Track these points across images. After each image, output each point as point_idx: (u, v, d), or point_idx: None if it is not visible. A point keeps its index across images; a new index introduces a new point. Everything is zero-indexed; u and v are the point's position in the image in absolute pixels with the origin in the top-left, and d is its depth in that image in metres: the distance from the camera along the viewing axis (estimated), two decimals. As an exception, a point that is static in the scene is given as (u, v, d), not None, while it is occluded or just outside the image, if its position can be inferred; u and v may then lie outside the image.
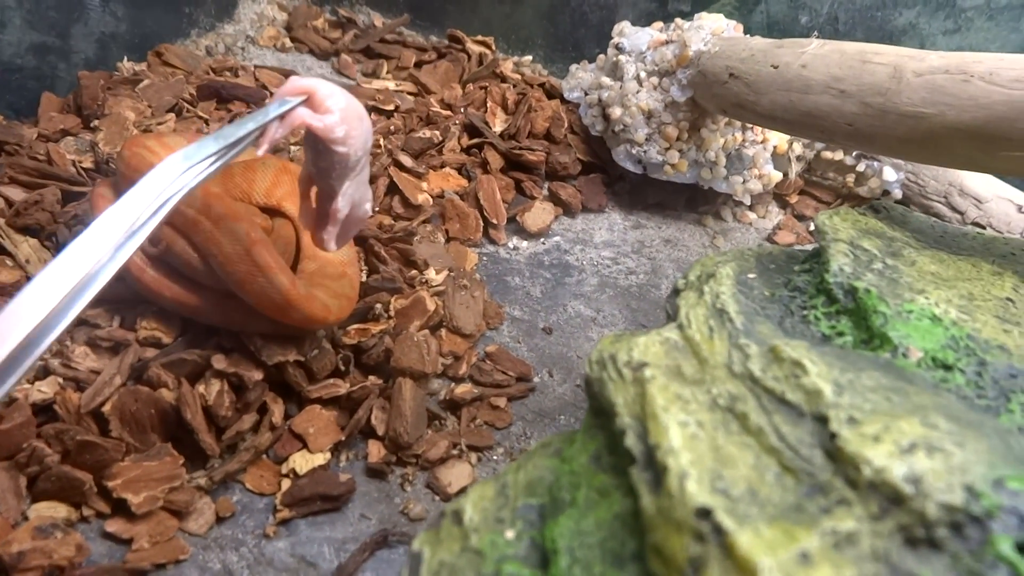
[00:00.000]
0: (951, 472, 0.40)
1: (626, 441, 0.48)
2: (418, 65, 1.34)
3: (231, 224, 0.77)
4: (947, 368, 0.55)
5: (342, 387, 0.83)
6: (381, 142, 1.11)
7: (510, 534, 0.49)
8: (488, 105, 1.20)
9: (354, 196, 0.75)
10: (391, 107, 1.18)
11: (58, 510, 0.71)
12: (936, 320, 0.59)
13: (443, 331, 0.93)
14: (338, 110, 0.67)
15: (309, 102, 0.66)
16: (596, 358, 0.58)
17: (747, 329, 0.58)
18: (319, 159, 0.69)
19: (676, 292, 0.67)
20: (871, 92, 0.77)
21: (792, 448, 0.45)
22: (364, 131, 0.70)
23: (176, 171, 0.55)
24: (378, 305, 0.90)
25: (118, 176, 0.84)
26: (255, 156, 0.91)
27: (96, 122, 1.04)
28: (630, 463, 0.47)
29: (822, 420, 0.45)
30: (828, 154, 1.18)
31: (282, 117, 0.64)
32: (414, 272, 0.97)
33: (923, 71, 0.74)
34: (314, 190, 0.74)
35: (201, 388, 0.77)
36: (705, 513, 0.40)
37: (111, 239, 0.51)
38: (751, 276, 0.70)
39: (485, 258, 1.07)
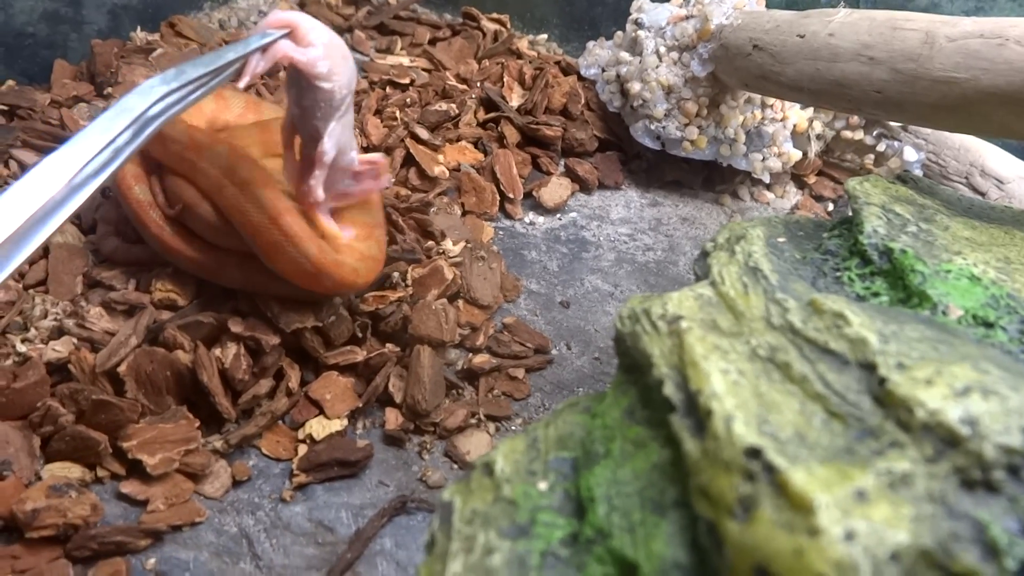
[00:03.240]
0: (1008, 414, 0.39)
1: (664, 390, 0.47)
2: (432, 42, 1.32)
3: (257, 191, 0.75)
4: (988, 325, 0.54)
5: (359, 354, 0.82)
6: (397, 114, 1.10)
7: (543, 485, 0.48)
8: (505, 80, 1.18)
9: (340, 139, 0.73)
10: (406, 80, 1.17)
11: (72, 471, 0.70)
12: (975, 279, 0.58)
13: (460, 302, 0.92)
14: (321, 44, 0.66)
15: (291, 36, 0.65)
16: (627, 314, 0.56)
17: (782, 286, 0.56)
18: (302, 97, 0.68)
19: (705, 254, 0.66)
20: (902, 58, 0.76)
21: (839, 394, 0.43)
22: (349, 69, 0.69)
23: (154, 93, 0.54)
24: (395, 274, 0.89)
25: None
26: (275, 116, 0.90)
27: (109, 89, 1.03)
28: (669, 412, 0.46)
29: (869, 367, 0.44)
30: (848, 134, 1.17)
31: (263, 50, 0.63)
32: (431, 243, 0.96)
33: (956, 36, 0.73)
34: (297, 141, 0.73)
35: (218, 351, 0.76)
36: (755, 452, 0.38)
37: (86, 158, 0.49)
38: (781, 240, 0.68)
39: (501, 232, 1.06)
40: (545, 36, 1.40)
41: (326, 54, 0.67)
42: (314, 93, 0.68)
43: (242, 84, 0.64)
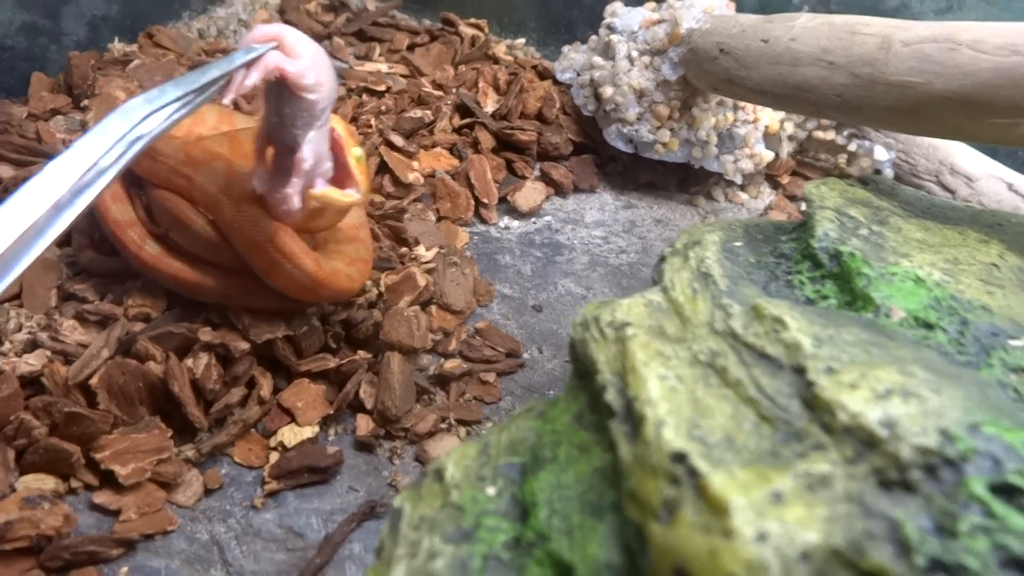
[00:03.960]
0: (926, 416, 0.40)
1: (606, 396, 0.48)
2: (411, 48, 1.34)
3: (253, 208, 0.77)
4: (929, 327, 0.55)
5: (331, 361, 0.83)
6: (372, 122, 1.11)
7: (491, 491, 0.49)
8: (480, 85, 1.20)
9: (318, 149, 0.74)
10: (382, 88, 1.18)
11: (46, 482, 0.72)
12: (920, 282, 0.59)
13: (433, 307, 0.93)
14: (308, 55, 0.67)
15: (278, 49, 0.66)
16: (580, 321, 0.58)
17: (731, 291, 0.58)
18: (284, 106, 0.69)
19: (662, 259, 0.67)
20: (860, 63, 0.77)
21: (770, 398, 0.45)
22: (331, 79, 0.70)
23: (137, 114, 0.54)
24: (368, 282, 0.90)
25: None
26: (247, 127, 0.91)
27: (86, 101, 1.04)
28: (610, 417, 0.47)
29: (800, 371, 0.45)
30: (820, 134, 1.18)
31: (248, 65, 0.64)
32: (404, 249, 0.97)
33: (911, 40, 0.74)
34: (270, 151, 0.74)
35: (189, 362, 0.78)
36: (680, 457, 0.40)
37: (69, 181, 0.49)
38: (737, 244, 0.70)
39: (476, 237, 1.07)
40: (523, 40, 1.41)
41: (313, 65, 0.68)
42: (298, 103, 0.69)
43: (227, 100, 0.64)
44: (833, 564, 0.35)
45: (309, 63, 0.67)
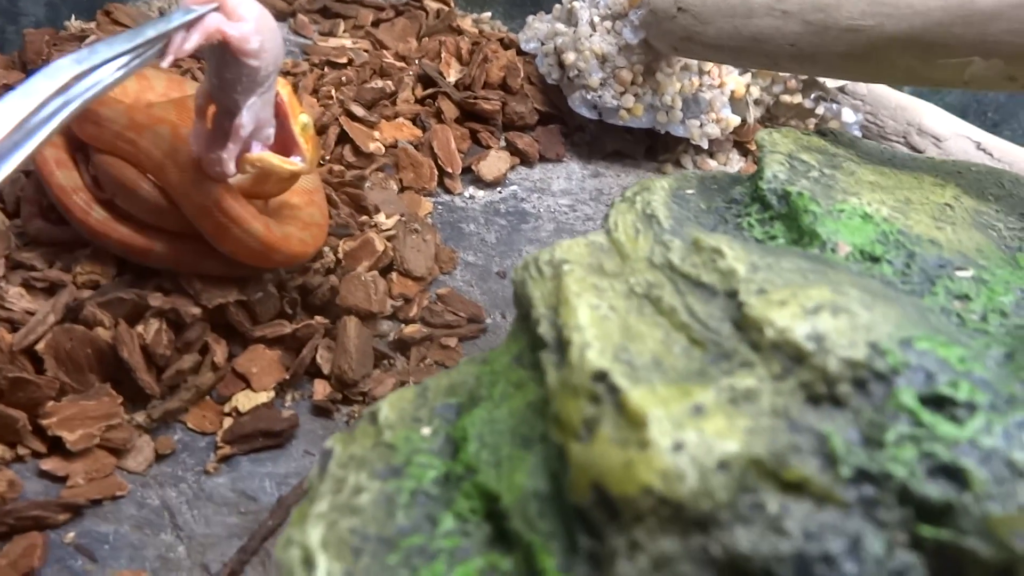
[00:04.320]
0: (855, 330, 0.39)
1: (539, 330, 0.47)
2: (375, 24, 1.32)
3: (198, 174, 0.75)
4: (875, 260, 0.54)
5: (287, 327, 0.82)
6: (332, 93, 1.09)
7: (426, 431, 0.48)
8: (443, 56, 1.18)
9: (259, 114, 0.72)
10: (344, 60, 1.17)
11: (-8, 449, 0.70)
12: (867, 218, 0.58)
13: (394, 274, 0.92)
14: (252, 19, 0.64)
15: (219, 10, 0.64)
16: (522, 263, 0.56)
17: (674, 230, 0.57)
18: (225, 70, 0.66)
19: (611, 206, 0.66)
20: (811, 9, 0.76)
21: (702, 322, 0.44)
22: (277, 45, 0.68)
23: (63, 75, 0.51)
24: (326, 248, 0.89)
25: None
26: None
27: (40, 77, 1.02)
28: (542, 349, 0.46)
29: (733, 295, 0.44)
30: (787, 98, 1.17)
31: (189, 26, 0.62)
32: (364, 217, 0.96)
33: (862, -15, 0.73)
34: (212, 109, 0.72)
35: (139, 328, 0.76)
36: (602, 376, 0.38)
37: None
38: (689, 192, 0.69)
39: (440, 207, 1.06)
40: (489, 14, 1.40)
41: (257, 29, 0.65)
42: (239, 68, 0.67)
43: (165, 63, 0.61)
44: (753, 474, 0.34)
45: (252, 27, 0.65)
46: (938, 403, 0.37)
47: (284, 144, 0.76)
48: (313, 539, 0.40)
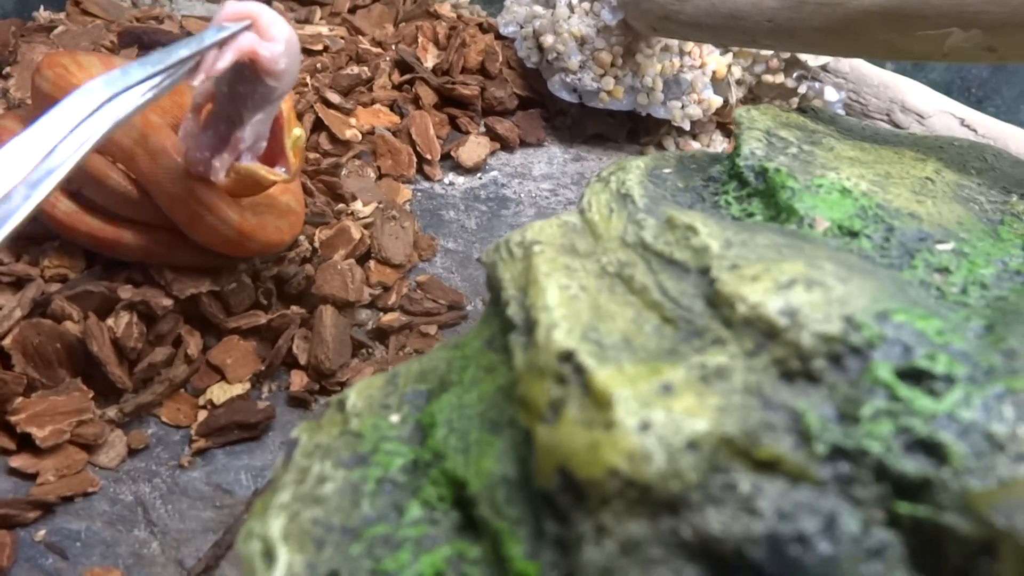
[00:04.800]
0: (830, 304, 0.38)
1: (508, 311, 0.46)
2: (352, 10, 1.30)
3: (171, 160, 0.73)
4: (853, 235, 0.53)
5: (262, 317, 0.80)
6: (308, 80, 1.08)
7: (395, 418, 0.47)
8: (420, 41, 1.17)
9: (259, 129, 0.71)
10: (319, 47, 1.15)
11: (-41, 447, 0.68)
12: (846, 192, 0.57)
13: (371, 262, 0.90)
14: (283, 40, 0.63)
15: (252, 29, 0.62)
16: (493, 247, 0.55)
17: (649, 209, 0.55)
18: (240, 83, 0.65)
19: (587, 186, 0.65)
20: (789, -17, 0.75)
21: (673, 300, 0.42)
22: (297, 67, 0.67)
23: (96, 98, 0.50)
24: (301, 237, 0.87)
25: (34, 95, 0.79)
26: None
27: (8, 69, 1.00)
28: (511, 331, 0.44)
29: (705, 271, 0.43)
30: (769, 78, 1.16)
31: (220, 45, 0.60)
32: (341, 205, 0.94)
33: (839, -43, 0.72)
34: (208, 108, 0.70)
35: (110, 321, 0.75)
36: (568, 356, 0.37)
37: (22, 173, 0.46)
38: (667, 171, 0.67)
39: (420, 194, 1.04)
40: (468, -1, 1.38)
41: (287, 51, 0.64)
42: (256, 85, 0.64)
43: (196, 81, 0.60)
44: (724, 453, 0.33)
45: (283, 48, 0.63)
46: (915, 377, 0.36)
47: (272, 153, 0.74)
48: (274, 530, 0.38)
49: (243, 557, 0.38)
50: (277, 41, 0.63)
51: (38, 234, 0.81)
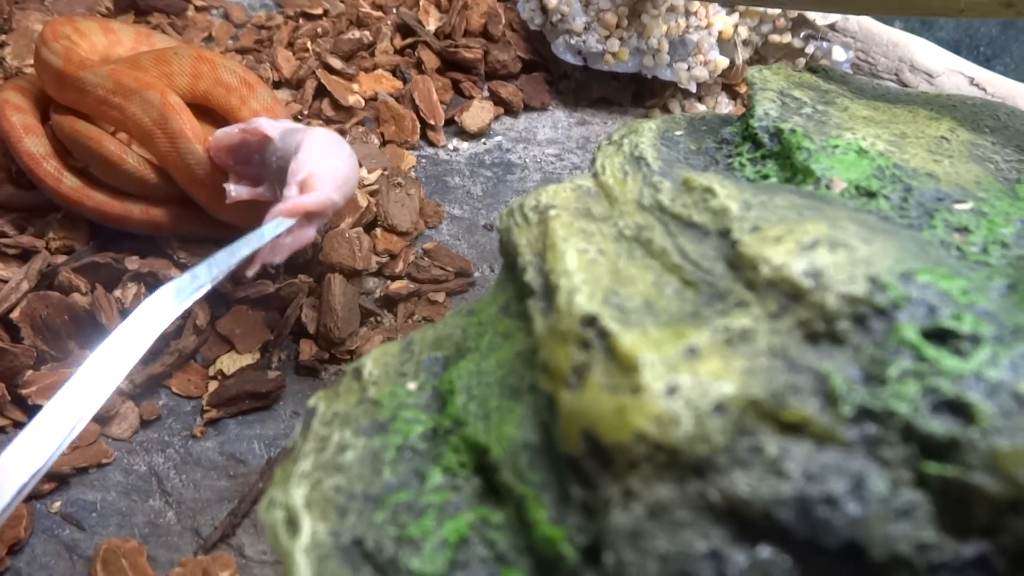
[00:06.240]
0: (854, 265, 0.37)
1: (526, 277, 0.45)
2: (351, -27, 1.28)
3: (189, 145, 0.73)
4: (871, 195, 0.52)
5: (269, 286, 0.79)
6: (308, 45, 1.06)
7: (412, 385, 0.47)
8: (421, 3, 1.15)
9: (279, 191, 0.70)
10: (319, 11, 1.13)
11: (-29, 421, 0.68)
12: (862, 152, 0.56)
13: (378, 230, 0.90)
14: (342, 199, 0.65)
15: (303, 190, 0.63)
16: (506, 211, 0.55)
17: (663, 171, 0.55)
18: (272, 175, 0.67)
19: (598, 150, 0.64)
20: (801, -61, 0.73)
21: (694, 263, 0.42)
22: (351, 188, 0.68)
23: (168, 307, 0.55)
24: (307, 205, 0.86)
25: (38, 64, 0.78)
26: (168, 46, 0.86)
27: (3, 37, 0.99)
28: (529, 296, 0.44)
29: (726, 233, 0.42)
30: (776, 38, 1.14)
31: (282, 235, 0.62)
32: (346, 173, 0.93)
33: (853, -89, 0.70)
34: (246, 137, 0.71)
35: (117, 292, 0.74)
36: (591, 320, 0.37)
37: (107, 379, 0.51)
38: (678, 133, 0.66)
39: (424, 160, 1.03)
40: (468, -40, 1.35)
41: (337, 195, 0.65)
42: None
43: (251, 273, 0.63)
44: (751, 416, 0.33)
45: (341, 202, 0.65)
46: (941, 337, 0.36)
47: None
48: (297, 499, 0.38)
49: (266, 525, 0.38)
50: (336, 202, 0.64)
51: (42, 205, 0.80)
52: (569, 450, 0.35)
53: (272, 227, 0.62)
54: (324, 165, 0.64)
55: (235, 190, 0.71)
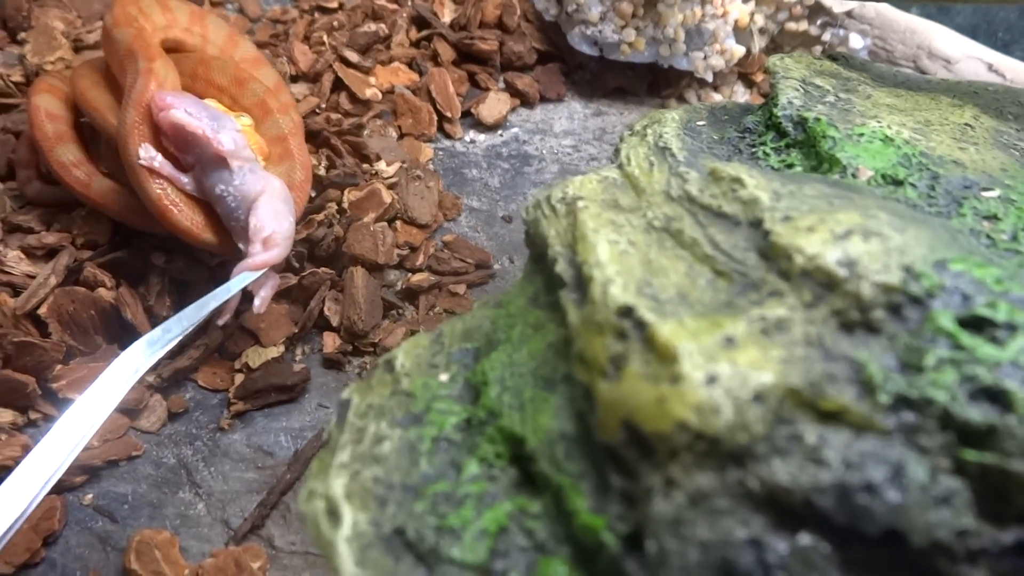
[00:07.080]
0: (888, 254, 0.38)
1: (557, 268, 0.45)
2: (364, -34, 1.28)
3: (134, 60, 0.74)
4: (898, 183, 0.52)
5: (292, 279, 0.80)
6: (324, 39, 1.06)
7: (444, 377, 0.47)
8: (436, -4, 1.15)
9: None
10: (334, 5, 1.13)
11: (3, 415, 0.69)
12: (888, 141, 0.56)
13: (398, 222, 0.90)
14: (284, 243, 0.71)
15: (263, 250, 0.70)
16: (532, 203, 0.55)
17: (689, 162, 0.55)
18: (208, 185, 0.72)
19: (620, 140, 0.64)
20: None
21: (726, 254, 0.42)
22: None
23: (141, 360, 0.61)
24: (331, 203, 0.87)
25: (113, 52, 0.78)
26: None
27: (23, 34, 0.99)
28: (561, 288, 0.44)
29: (757, 224, 0.43)
30: (792, 25, 1.14)
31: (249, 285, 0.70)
32: (366, 166, 0.94)
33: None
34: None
35: (142, 288, 0.75)
36: (627, 311, 0.37)
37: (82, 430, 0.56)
38: (700, 123, 0.66)
39: (441, 152, 1.03)
40: (481, -49, 1.35)
41: (285, 249, 0.72)
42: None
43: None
44: (790, 405, 0.33)
45: (283, 251, 0.71)
46: (977, 325, 0.36)
47: None
48: (337, 490, 0.39)
49: (307, 517, 0.39)
50: (278, 248, 0.71)
51: (67, 201, 0.81)
52: (608, 439, 0.36)
53: (238, 280, 0.69)
54: (282, 223, 0.71)
55: (152, 158, 0.70)
